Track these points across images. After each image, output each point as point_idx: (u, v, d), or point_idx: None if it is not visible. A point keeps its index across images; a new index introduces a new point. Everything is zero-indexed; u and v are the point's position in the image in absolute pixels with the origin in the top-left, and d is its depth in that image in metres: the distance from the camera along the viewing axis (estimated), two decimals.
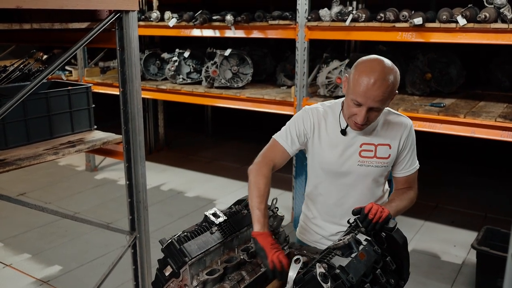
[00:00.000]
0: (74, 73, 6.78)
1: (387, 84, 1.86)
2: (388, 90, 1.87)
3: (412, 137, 2.15)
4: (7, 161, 2.49)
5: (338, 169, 2.10)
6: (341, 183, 2.13)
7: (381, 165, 2.10)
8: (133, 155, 2.87)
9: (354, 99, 1.90)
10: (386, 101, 1.92)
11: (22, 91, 2.28)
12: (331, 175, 2.14)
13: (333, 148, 2.09)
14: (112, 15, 2.62)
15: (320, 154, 2.13)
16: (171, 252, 1.72)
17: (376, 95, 1.85)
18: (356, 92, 1.88)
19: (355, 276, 1.58)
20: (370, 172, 2.10)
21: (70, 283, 3.99)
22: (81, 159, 7.01)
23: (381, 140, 2.09)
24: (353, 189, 2.13)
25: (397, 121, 2.14)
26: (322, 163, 2.14)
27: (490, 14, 3.73)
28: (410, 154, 2.16)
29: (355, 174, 2.10)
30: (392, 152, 2.10)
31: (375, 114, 1.95)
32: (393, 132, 2.11)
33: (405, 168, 2.17)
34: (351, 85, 1.91)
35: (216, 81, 5.51)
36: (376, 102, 1.87)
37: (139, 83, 2.82)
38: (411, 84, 5.00)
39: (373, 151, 2.08)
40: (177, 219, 5.21)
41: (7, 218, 5.20)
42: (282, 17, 4.87)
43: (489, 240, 3.86)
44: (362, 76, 1.87)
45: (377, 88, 1.85)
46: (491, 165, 6.63)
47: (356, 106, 1.92)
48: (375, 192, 2.18)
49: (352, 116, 1.97)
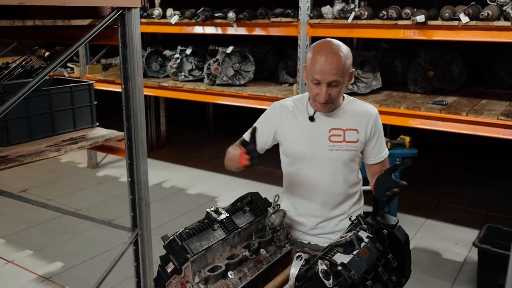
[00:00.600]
0: (76, 70, 6.79)
1: (338, 58, 2.01)
2: (341, 64, 2.01)
3: (378, 125, 2.24)
4: (9, 157, 2.49)
5: (310, 154, 2.20)
6: (314, 170, 2.21)
7: (351, 149, 2.18)
8: (135, 152, 2.87)
9: (313, 79, 2.04)
10: (342, 75, 2.03)
11: (24, 88, 2.28)
12: (304, 162, 2.22)
13: (303, 135, 2.20)
14: (114, 12, 2.62)
15: (291, 143, 2.24)
16: (173, 249, 1.72)
17: (331, 69, 2.00)
18: (313, 71, 2.03)
19: (357, 273, 1.58)
20: (340, 156, 2.18)
21: (72, 279, 4.00)
22: (83, 156, 7.02)
23: (349, 125, 2.19)
24: (325, 176, 2.20)
25: (363, 109, 2.24)
26: (294, 151, 2.24)
27: (493, 11, 3.73)
28: (380, 141, 2.25)
29: (326, 158, 2.18)
30: (360, 137, 2.19)
31: (335, 90, 2.06)
32: (360, 119, 2.20)
33: (377, 155, 2.25)
34: (309, 68, 2.07)
35: (218, 79, 5.51)
36: (332, 76, 2.01)
37: (141, 80, 2.82)
38: (413, 82, 4.99)
39: (342, 136, 2.18)
40: (179, 216, 5.21)
41: (9, 215, 5.21)
42: (284, 15, 4.87)
43: (490, 238, 3.86)
44: (315, 56, 2.04)
45: (330, 62, 2.00)
46: (493, 163, 6.62)
47: (316, 86, 2.06)
48: (348, 178, 2.24)
49: (315, 97, 2.09)
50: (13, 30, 3.36)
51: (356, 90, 4.76)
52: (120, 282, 3.85)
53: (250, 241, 1.97)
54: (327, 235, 2.28)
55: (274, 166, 5.72)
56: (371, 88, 4.87)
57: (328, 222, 2.28)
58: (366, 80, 4.87)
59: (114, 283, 3.80)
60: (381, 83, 4.95)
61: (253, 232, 2.02)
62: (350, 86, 4.72)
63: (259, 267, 1.88)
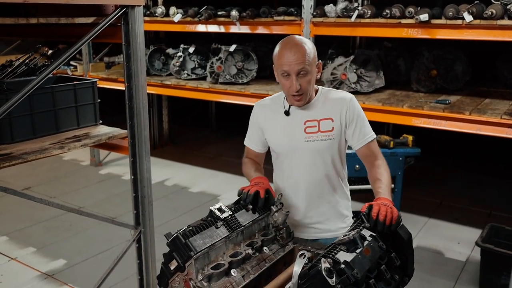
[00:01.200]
0: (79, 68, 6.80)
1: (302, 48, 2.10)
2: (306, 53, 2.09)
3: (355, 109, 2.24)
4: (13, 155, 2.50)
5: (289, 147, 2.27)
6: (295, 162, 2.28)
7: (327, 138, 2.22)
8: (138, 150, 2.87)
9: (282, 71, 2.11)
10: (309, 64, 2.10)
11: (28, 85, 2.29)
12: (285, 156, 2.30)
13: (280, 130, 2.28)
14: (118, 10, 2.62)
15: (271, 138, 2.33)
16: (177, 246, 1.72)
17: (296, 58, 2.07)
18: (281, 64, 2.11)
19: (360, 272, 1.58)
20: (317, 146, 2.22)
21: (75, 277, 4.01)
22: (86, 154, 7.03)
23: (323, 115, 2.23)
24: (306, 167, 2.26)
25: (337, 96, 2.27)
26: (274, 146, 2.33)
27: (497, 10, 3.72)
28: (360, 124, 2.24)
29: (304, 150, 2.24)
30: (335, 125, 2.22)
31: (305, 80, 2.11)
32: (334, 106, 2.24)
33: (360, 138, 2.25)
34: (276, 63, 2.15)
35: (220, 77, 5.52)
36: (298, 65, 2.07)
37: (144, 78, 2.82)
38: (417, 81, 4.99)
39: (317, 126, 2.23)
40: (181, 214, 5.22)
41: (13, 212, 5.23)
42: (287, 13, 4.87)
43: (493, 237, 3.86)
44: (281, 51, 2.13)
45: (295, 53, 2.08)
46: (496, 163, 6.61)
47: (287, 79, 2.12)
48: (329, 168, 2.27)
49: (288, 90, 2.15)
50: (17, 28, 3.37)
51: (359, 89, 4.75)
52: (123, 280, 3.86)
53: (253, 239, 1.97)
54: (314, 225, 2.33)
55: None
56: (374, 87, 4.86)
57: (315, 212, 2.31)
58: (369, 79, 4.86)
59: (117, 280, 3.81)
60: (384, 82, 4.94)
61: (256, 230, 2.03)
62: (353, 85, 4.72)
63: (262, 265, 1.89)
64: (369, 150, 2.26)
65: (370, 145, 2.26)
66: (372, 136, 2.27)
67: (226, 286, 1.73)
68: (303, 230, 2.34)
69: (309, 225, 2.33)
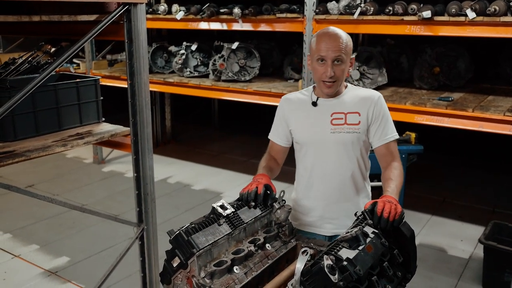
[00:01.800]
0: (82, 66, 6.81)
1: (340, 37, 2.15)
2: (344, 42, 2.14)
3: (381, 108, 2.26)
4: (16, 152, 2.51)
5: (314, 138, 2.29)
6: (319, 153, 2.29)
7: (353, 131, 2.24)
8: (140, 148, 2.88)
9: (319, 57, 2.15)
10: (345, 53, 2.15)
11: (31, 83, 2.29)
12: (309, 147, 2.31)
13: (306, 120, 2.30)
14: (120, 8, 2.62)
15: (297, 129, 2.34)
16: (179, 244, 1.72)
17: (335, 45, 2.12)
18: (319, 50, 2.15)
19: (362, 269, 1.58)
20: (342, 138, 2.24)
21: (78, 274, 4.02)
22: (89, 151, 7.05)
23: (351, 108, 2.25)
24: (330, 158, 2.27)
25: (365, 93, 2.30)
26: (300, 136, 2.34)
27: (500, 7, 3.70)
28: (384, 123, 2.25)
29: (329, 141, 2.25)
30: (362, 119, 2.24)
31: (339, 68, 2.16)
32: (362, 103, 2.26)
33: (382, 136, 2.26)
34: (314, 50, 2.18)
35: (223, 74, 5.51)
36: (336, 52, 2.12)
37: (147, 75, 2.82)
38: (419, 78, 4.98)
39: (343, 119, 2.24)
40: (184, 212, 5.23)
41: (16, 210, 5.25)
42: (290, 10, 4.86)
43: (496, 234, 3.85)
44: (319, 38, 2.17)
45: (334, 40, 2.13)
46: (499, 160, 6.59)
47: (322, 65, 2.16)
48: (352, 162, 2.28)
49: (321, 76, 2.18)
50: (19, 26, 3.37)
51: (361, 86, 4.75)
52: (126, 277, 3.87)
53: (255, 236, 1.97)
54: (333, 220, 2.32)
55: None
56: (376, 84, 4.85)
57: (336, 207, 2.31)
58: (372, 76, 4.85)
59: (120, 277, 3.82)
60: (387, 79, 4.93)
61: (259, 227, 2.03)
62: (356, 82, 4.71)
63: (265, 262, 1.89)
64: (387, 150, 2.26)
65: (389, 145, 2.26)
66: (394, 136, 2.27)
67: (229, 283, 1.73)
68: (321, 225, 2.34)
69: (328, 220, 2.33)
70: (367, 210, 1.87)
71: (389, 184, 2.10)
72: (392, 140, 2.26)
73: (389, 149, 2.26)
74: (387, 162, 2.25)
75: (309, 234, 2.34)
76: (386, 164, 2.25)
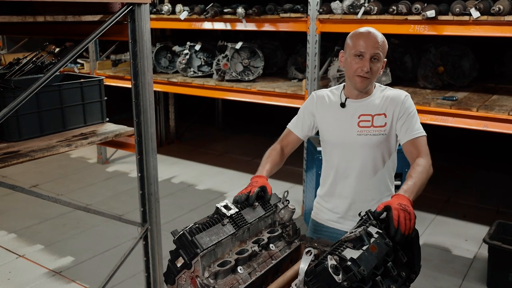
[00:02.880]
0: (86, 66, 6.82)
1: (379, 35, 2.21)
2: (382, 40, 2.21)
3: (407, 105, 2.27)
4: (21, 152, 2.51)
5: (340, 139, 2.31)
6: (345, 154, 2.31)
7: (379, 133, 2.26)
8: (144, 147, 2.88)
9: (357, 52, 2.18)
10: (382, 51, 2.20)
11: (35, 83, 2.30)
12: (335, 147, 2.35)
13: (334, 121, 2.33)
14: (124, 8, 2.62)
15: (325, 128, 2.37)
16: (183, 244, 1.72)
17: (374, 41, 2.18)
18: (357, 45, 2.18)
19: (367, 269, 1.57)
20: (368, 140, 2.26)
21: (82, 274, 4.03)
22: (93, 151, 7.06)
23: (378, 110, 2.28)
24: (356, 160, 2.30)
25: (393, 93, 2.32)
26: (327, 136, 2.38)
27: (504, 6, 3.69)
28: (410, 119, 2.25)
29: (356, 143, 2.28)
30: (388, 121, 2.26)
31: (376, 65, 2.20)
32: (389, 103, 2.28)
33: (408, 132, 2.25)
34: (351, 47, 2.22)
35: (227, 74, 5.52)
36: (375, 48, 2.17)
37: (151, 75, 2.83)
38: (423, 78, 4.96)
39: (370, 121, 2.27)
40: (188, 212, 5.23)
41: (20, 210, 5.26)
42: (294, 10, 4.86)
43: (501, 234, 3.84)
44: (358, 35, 2.21)
45: (373, 36, 2.19)
46: (504, 159, 6.57)
47: (359, 60, 2.19)
48: (378, 164, 2.30)
49: (356, 71, 2.20)
50: (24, 26, 3.38)
51: None
52: (130, 277, 3.88)
53: (259, 236, 1.97)
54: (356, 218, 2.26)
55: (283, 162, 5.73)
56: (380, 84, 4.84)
57: (359, 206, 2.31)
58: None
59: (124, 277, 3.83)
60: (391, 79, 4.92)
61: (263, 227, 2.02)
62: None
63: (269, 262, 1.88)
64: (413, 146, 2.24)
65: (415, 141, 2.24)
66: (421, 133, 2.26)
67: (233, 284, 1.73)
68: (343, 222, 2.38)
69: (350, 218, 2.36)
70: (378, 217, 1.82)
71: (407, 182, 2.06)
72: (418, 136, 2.25)
73: (415, 145, 2.24)
74: (413, 158, 2.22)
75: (331, 229, 2.41)
76: (412, 160, 2.23)
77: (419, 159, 2.19)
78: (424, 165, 2.16)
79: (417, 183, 2.05)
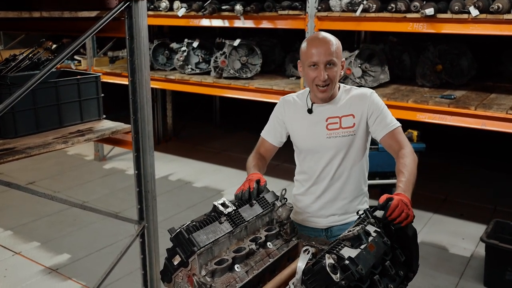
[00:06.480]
0: (83, 62, 6.80)
1: (330, 41, 2.19)
2: (334, 45, 2.18)
3: (375, 102, 2.27)
4: (16, 149, 2.50)
5: (311, 144, 2.33)
6: (318, 158, 2.33)
7: (348, 134, 2.27)
8: (141, 145, 2.87)
9: (311, 62, 2.18)
10: (336, 56, 2.18)
11: (31, 79, 2.28)
12: (308, 152, 2.36)
13: (304, 128, 2.34)
14: (121, 4, 2.61)
15: (295, 134, 2.38)
16: (180, 242, 1.72)
17: (326, 49, 2.16)
18: (310, 55, 2.18)
19: (364, 268, 1.57)
20: (338, 142, 2.27)
21: (79, 271, 4.02)
22: (90, 148, 7.04)
23: (345, 111, 2.28)
24: (328, 164, 2.31)
25: (358, 93, 2.32)
26: (297, 142, 2.39)
27: (503, 4, 3.69)
28: (381, 115, 2.26)
29: (326, 146, 2.29)
30: (356, 121, 2.27)
31: (332, 71, 2.18)
32: (355, 103, 2.28)
33: (383, 126, 2.25)
34: (304, 56, 2.22)
35: (224, 72, 5.50)
36: (327, 56, 2.16)
37: (148, 72, 2.82)
38: (422, 76, 4.96)
39: (338, 123, 2.28)
40: (185, 209, 5.22)
41: (17, 207, 5.24)
42: (292, 7, 4.84)
43: (498, 233, 3.84)
44: (308, 44, 2.21)
45: (324, 44, 2.18)
46: (501, 158, 6.58)
47: (314, 70, 2.19)
48: (349, 164, 2.31)
49: (314, 80, 2.20)
50: (20, 22, 3.36)
51: (363, 83, 4.73)
52: (127, 274, 3.87)
53: (257, 234, 1.96)
54: (329, 217, 2.38)
55: (281, 160, 5.72)
56: (378, 82, 4.84)
57: (330, 204, 2.36)
58: (374, 74, 4.84)
59: (120, 275, 3.82)
60: (389, 77, 4.92)
61: (260, 225, 2.02)
62: (358, 80, 4.70)
63: (266, 260, 1.88)
64: (392, 138, 2.23)
65: (393, 133, 2.24)
66: (395, 124, 2.25)
67: (230, 282, 1.72)
68: (316, 221, 2.40)
69: (324, 216, 2.39)
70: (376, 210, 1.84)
71: (401, 179, 2.05)
72: (395, 128, 2.24)
73: (393, 138, 2.23)
74: (396, 152, 2.21)
75: (305, 228, 2.41)
76: (395, 154, 2.21)
77: (402, 150, 2.19)
78: (411, 156, 2.16)
79: (410, 178, 2.06)
